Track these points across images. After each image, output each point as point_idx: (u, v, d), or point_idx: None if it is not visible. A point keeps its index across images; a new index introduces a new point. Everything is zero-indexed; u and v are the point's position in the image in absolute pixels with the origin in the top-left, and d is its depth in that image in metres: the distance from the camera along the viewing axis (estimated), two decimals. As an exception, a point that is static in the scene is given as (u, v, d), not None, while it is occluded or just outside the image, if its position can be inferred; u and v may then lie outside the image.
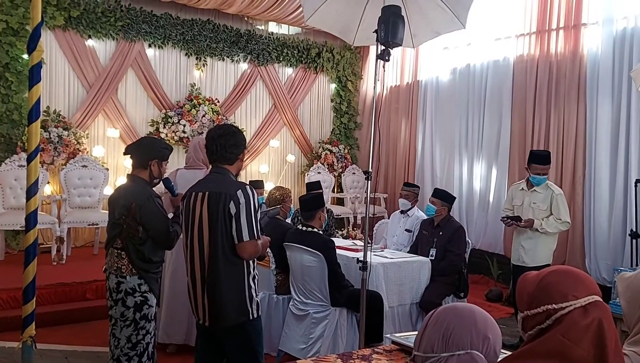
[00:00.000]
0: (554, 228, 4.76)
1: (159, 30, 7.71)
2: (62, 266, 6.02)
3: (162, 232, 3.02)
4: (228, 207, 2.65)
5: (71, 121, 7.14)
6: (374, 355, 2.49)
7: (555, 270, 1.42)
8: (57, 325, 4.83)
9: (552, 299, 1.35)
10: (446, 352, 1.33)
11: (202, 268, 2.72)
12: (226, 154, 2.78)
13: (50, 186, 6.86)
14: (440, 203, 4.93)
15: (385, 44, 3.17)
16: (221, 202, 2.66)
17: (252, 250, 2.70)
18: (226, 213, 2.66)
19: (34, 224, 2.96)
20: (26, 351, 2.90)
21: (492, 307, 5.96)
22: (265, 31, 8.78)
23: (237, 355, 2.79)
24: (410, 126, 8.57)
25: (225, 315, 2.71)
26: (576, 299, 1.34)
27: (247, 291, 2.75)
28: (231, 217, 2.66)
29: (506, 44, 7.11)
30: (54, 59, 7.07)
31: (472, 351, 1.32)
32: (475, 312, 1.38)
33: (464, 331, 1.33)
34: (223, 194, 2.67)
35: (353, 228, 7.99)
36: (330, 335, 3.94)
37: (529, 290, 1.39)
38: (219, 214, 2.66)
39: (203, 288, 2.73)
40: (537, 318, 1.36)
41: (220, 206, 2.66)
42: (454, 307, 1.41)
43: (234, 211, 2.65)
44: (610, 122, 5.96)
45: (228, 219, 2.66)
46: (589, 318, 1.31)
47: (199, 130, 7.83)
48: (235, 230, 2.66)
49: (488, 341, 1.34)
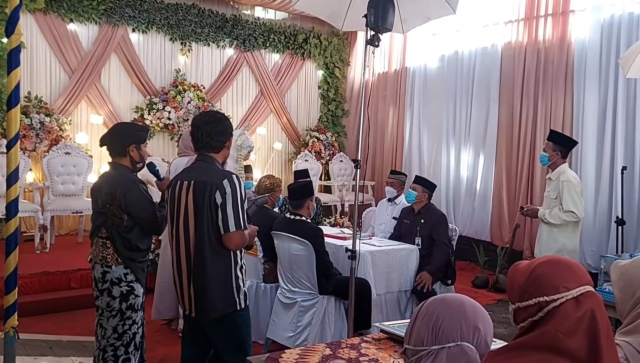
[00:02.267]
0: (557, 219, 4.25)
1: (143, 15, 7.55)
2: (46, 255, 5.94)
3: (149, 218, 2.97)
4: (214, 196, 2.60)
5: (53, 107, 7.00)
6: (363, 343, 2.48)
7: (546, 260, 1.40)
8: (42, 315, 4.76)
9: (543, 291, 1.33)
10: (436, 344, 1.30)
11: (187, 259, 2.68)
12: (212, 142, 2.72)
13: (32, 173, 6.75)
14: (421, 188, 4.92)
15: (375, 29, 3.12)
16: (207, 191, 2.60)
17: (238, 241, 2.65)
18: (212, 203, 2.60)
19: (14, 213, 2.89)
20: (8, 342, 2.85)
21: (478, 293, 6.01)
22: (251, 16, 8.65)
23: (225, 345, 2.76)
24: (398, 113, 8.54)
25: (212, 306, 2.68)
26: (568, 290, 1.31)
27: (235, 282, 2.71)
28: (217, 207, 2.60)
29: (494, 31, 7.10)
30: (35, 43, 6.90)
31: (462, 343, 1.30)
32: (465, 303, 1.35)
33: (454, 323, 1.31)
34: (209, 183, 2.61)
35: (340, 216, 7.98)
36: (318, 323, 3.94)
37: (520, 282, 1.37)
38: (204, 204, 2.60)
39: (189, 278, 2.69)
40: (529, 311, 1.34)
41: (206, 196, 2.60)
42: (443, 298, 1.38)
43: (220, 201, 2.59)
44: (597, 110, 5.99)
45: (214, 209, 2.61)
46: (581, 310, 1.30)
47: (184, 117, 7.72)
48: (221, 220, 2.60)
49: (478, 332, 1.32)
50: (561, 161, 4.37)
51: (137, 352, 3.02)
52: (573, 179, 4.31)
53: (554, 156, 4.36)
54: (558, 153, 4.35)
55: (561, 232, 4.31)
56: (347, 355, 2.30)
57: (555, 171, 4.36)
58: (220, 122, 2.76)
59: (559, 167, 4.35)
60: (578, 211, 4.22)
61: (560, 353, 1.29)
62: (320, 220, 6.00)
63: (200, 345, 2.87)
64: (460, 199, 7.58)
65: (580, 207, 4.25)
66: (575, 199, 4.23)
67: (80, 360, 3.86)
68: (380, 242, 4.71)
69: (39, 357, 3.92)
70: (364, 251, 4.23)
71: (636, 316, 1.66)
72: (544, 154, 4.43)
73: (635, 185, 5.63)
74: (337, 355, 2.30)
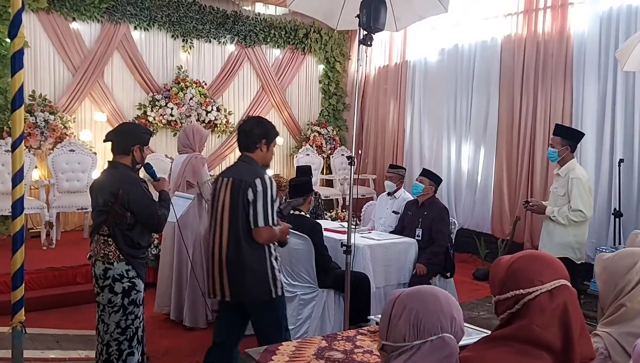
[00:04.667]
0: (565, 218, 4.11)
1: (144, 12, 7.61)
2: (52, 251, 6.03)
3: (151, 216, 3.04)
4: (246, 194, 2.86)
5: (57, 105, 7.07)
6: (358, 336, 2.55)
7: (524, 255, 1.47)
8: (48, 309, 4.86)
9: (519, 284, 1.40)
10: (418, 339, 1.35)
11: (220, 249, 2.93)
12: (248, 142, 3.03)
13: (38, 170, 6.83)
14: (428, 181, 4.98)
15: (367, 29, 3.17)
16: (241, 189, 2.88)
17: (267, 235, 2.90)
18: (245, 199, 2.86)
19: (20, 212, 2.96)
20: (16, 336, 2.93)
21: (479, 286, 6.07)
22: (252, 12, 8.69)
23: (263, 329, 3.00)
24: (398, 106, 8.58)
25: (248, 292, 2.92)
26: (542, 284, 1.39)
27: (270, 272, 2.95)
28: (249, 203, 2.86)
29: (494, 24, 7.10)
30: (38, 42, 6.98)
31: (443, 334, 1.35)
32: (439, 295, 1.40)
33: (433, 317, 1.36)
34: (243, 181, 2.89)
35: (342, 210, 8.04)
36: (318, 316, 4.02)
37: (500, 276, 1.45)
38: (238, 201, 2.88)
39: (222, 268, 2.92)
40: (507, 303, 1.42)
41: (240, 193, 2.87)
42: (418, 293, 1.42)
43: (251, 198, 2.85)
44: (596, 102, 6.01)
45: (246, 205, 2.86)
46: (554, 303, 1.37)
47: (186, 113, 7.80)
48: (251, 216, 2.86)
49: (455, 321, 1.38)
50: (570, 156, 4.21)
51: (139, 345, 3.10)
52: (582, 176, 4.16)
53: (563, 152, 4.20)
54: (567, 147, 4.19)
55: (566, 230, 4.18)
56: (342, 347, 2.38)
57: (564, 166, 4.20)
58: (256, 125, 3.06)
59: (568, 163, 4.19)
60: (586, 210, 4.11)
61: (538, 345, 1.36)
62: (321, 214, 6.06)
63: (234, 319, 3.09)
64: (461, 192, 7.62)
65: (589, 206, 4.14)
66: (585, 198, 4.11)
67: (87, 353, 3.93)
68: (380, 236, 4.76)
69: (46, 350, 4.00)
70: (363, 245, 4.30)
71: (617, 308, 1.72)
72: (552, 150, 4.24)
73: (633, 177, 5.66)
74: (332, 347, 2.37)
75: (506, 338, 1.41)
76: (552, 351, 1.36)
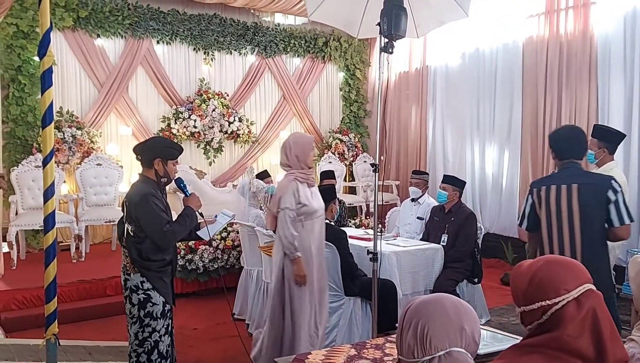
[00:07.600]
0: None
1: (167, 27, 7.75)
2: (82, 264, 6.14)
3: (154, 231, 2.97)
4: (606, 196, 2.98)
5: (84, 120, 7.23)
6: (387, 343, 2.54)
7: (544, 263, 1.43)
8: (79, 322, 4.95)
9: (545, 295, 1.37)
10: (426, 355, 1.30)
11: (572, 251, 2.99)
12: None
13: (66, 185, 6.98)
14: (451, 188, 4.93)
15: (388, 37, 3.16)
16: (597, 192, 2.99)
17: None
18: (603, 201, 2.97)
19: (52, 226, 3.02)
20: (50, 348, 2.97)
21: (507, 291, 5.96)
22: (271, 23, 8.77)
23: None
24: (420, 112, 8.54)
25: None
26: (568, 292, 1.36)
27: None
28: (609, 203, 2.97)
29: (515, 26, 7.03)
30: (65, 59, 7.16)
31: (451, 349, 1.30)
32: (446, 305, 1.34)
33: (439, 330, 1.30)
34: (596, 185, 3.04)
35: (366, 217, 8.01)
36: (345, 324, 4.00)
37: (522, 287, 1.41)
38: (595, 204, 2.99)
39: None
40: (534, 314, 1.39)
41: (596, 197, 2.99)
42: (424, 305, 1.36)
43: (613, 198, 2.98)
44: (622, 102, 5.90)
45: (605, 207, 2.98)
46: (583, 310, 1.34)
47: (209, 124, 7.89)
48: (616, 215, 2.97)
49: (464, 332, 1.31)
50: (609, 158, 4.02)
51: (164, 360, 3.06)
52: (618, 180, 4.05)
53: (600, 154, 4.03)
54: (604, 149, 4.02)
55: None
56: (372, 355, 2.36)
57: (601, 168, 4.00)
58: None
59: (605, 165, 4.00)
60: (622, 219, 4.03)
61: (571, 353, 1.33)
62: (345, 222, 6.06)
63: None
64: (486, 196, 7.54)
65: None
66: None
67: (118, 364, 4.00)
68: (405, 242, 4.74)
69: (78, 362, 4.06)
70: (389, 251, 4.28)
71: (653, 312, 1.69)
72: (589, 152, 3.98)
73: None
74: (362, 355, 2.36)
75: (539, 345, 1.38)
76: (586, 358, 1.33)
